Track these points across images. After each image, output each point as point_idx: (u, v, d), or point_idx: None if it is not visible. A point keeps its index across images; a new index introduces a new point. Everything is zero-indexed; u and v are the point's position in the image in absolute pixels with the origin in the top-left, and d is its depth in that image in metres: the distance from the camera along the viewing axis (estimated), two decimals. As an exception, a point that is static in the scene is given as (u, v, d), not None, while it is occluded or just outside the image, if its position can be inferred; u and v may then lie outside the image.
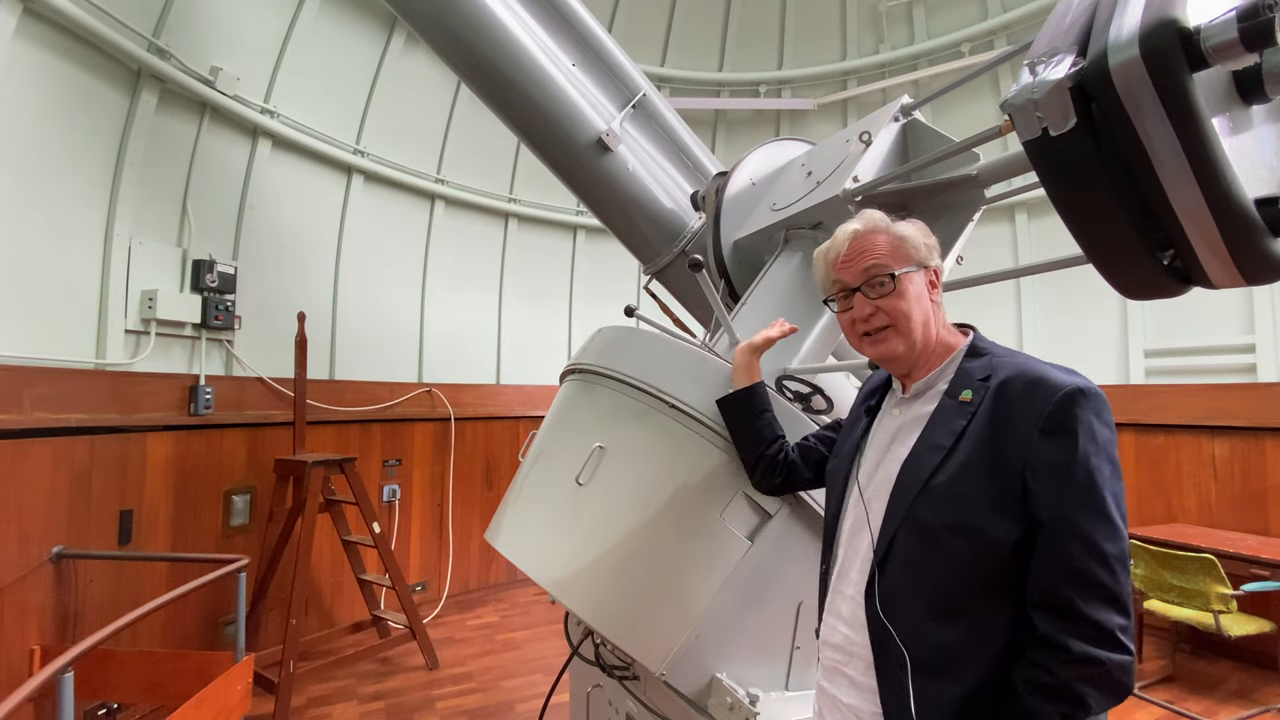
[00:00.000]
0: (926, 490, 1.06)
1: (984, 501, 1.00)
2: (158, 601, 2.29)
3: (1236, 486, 4.26)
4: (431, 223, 5.47)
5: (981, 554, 1.00)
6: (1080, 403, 0.98)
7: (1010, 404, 1.03)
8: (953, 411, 1.09)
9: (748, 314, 2.05)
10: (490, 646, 4.40)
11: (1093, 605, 0.92)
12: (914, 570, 1.05)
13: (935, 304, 1.19)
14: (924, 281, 1.18)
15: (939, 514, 1.04)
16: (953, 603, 1.02)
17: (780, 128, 6.39)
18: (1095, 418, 0.98)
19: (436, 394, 5.33)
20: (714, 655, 1.57)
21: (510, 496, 1.92)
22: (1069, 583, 0.93)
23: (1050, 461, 0.97)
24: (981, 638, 1.00)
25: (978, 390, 1.08)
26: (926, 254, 1.18)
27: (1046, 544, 0.96)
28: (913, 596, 1.05)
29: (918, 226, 1.21)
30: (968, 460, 1.03)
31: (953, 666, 1.00)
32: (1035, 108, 0.99)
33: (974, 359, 1.13)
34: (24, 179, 3.01)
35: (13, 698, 1.66)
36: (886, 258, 1.16)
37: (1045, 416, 0.98)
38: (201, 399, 3.76)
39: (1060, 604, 0.94)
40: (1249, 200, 0.93)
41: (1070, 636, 0.92)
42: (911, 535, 1.06)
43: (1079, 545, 0.94)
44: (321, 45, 4.46)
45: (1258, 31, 0.84)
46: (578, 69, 2.72)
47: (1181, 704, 3.53)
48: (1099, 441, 0.97)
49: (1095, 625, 0.91)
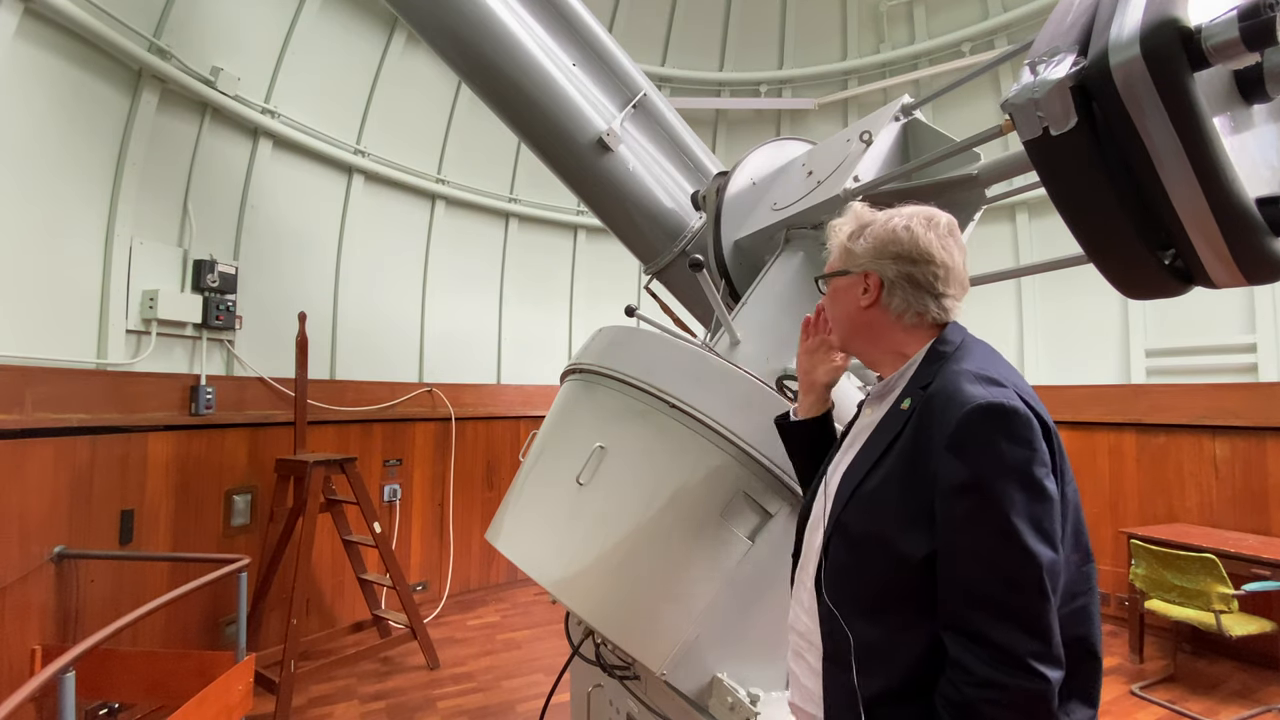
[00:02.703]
0: (854, 497, 1.08)
1: (897, 514, 1.01)
2: (159, 601, 2.29)
3: (1238, 486, 4.25)
4: (432, 223, 5.47)
5: (890, 565, 1.00)
6: (980, 420, 0.94)
7: (929, 418, 1.01)
8: (892, 420, 1.09)
9: (748, 314, 2.05)
10: (491, 646, 4.40)
11: (997, 629, 0.90)
12: (842, 571, 1.08)
13: (877, 309, 1.15)
14: (850, 285, 1.18)
15: (859, 521, 1.06)
16: (872, 606, 1.03)
17: (781, 127, 6.38)
18: (1002, 436, 0.93)
19: (437, 394, 5.33)
20: (715, 655, 1.57)
21: (511, 496, 1.93)
22: (970, 605, 0.92)
23: (950, 481, 0.94)
24: (898, 643, 1.00)
25: (916, 399, 1.06)
26: (868, 260, 1.15)
27: (947, 565, 0.95)
28: (842, 594, 1.07)
29: (874, 229, 1.16)
30: (889, 472, 1.04)
31: (869, 665, 1.01)
32: (1036, 107, 0.99)
33: (930, 364, 1.10)
34: (25, 179, 3.01)
35: (14, 697, 1.66)
36: (833, 260, 1.23)
37: (949, 434, 0.96)
38: (202, 399, 3.76)
39: (963, 626, 0.93)
40: (1250, 199, 0.93)
41: (973, 658, 0.90)
42: (839, 539, 1.09)
43: (979, 567, 0.92)
44: (322, 45, 4.46)
45: (1259, 31, 0.84)
46: (578, 69, 2.72)
47: (1182, 704, 3.53)
48: (1006, 462, 0.92)
49: (999, 649, 0.89)
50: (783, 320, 1.98)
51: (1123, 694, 3.68)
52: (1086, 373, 5.07)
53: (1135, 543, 3.85)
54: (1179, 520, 4.46)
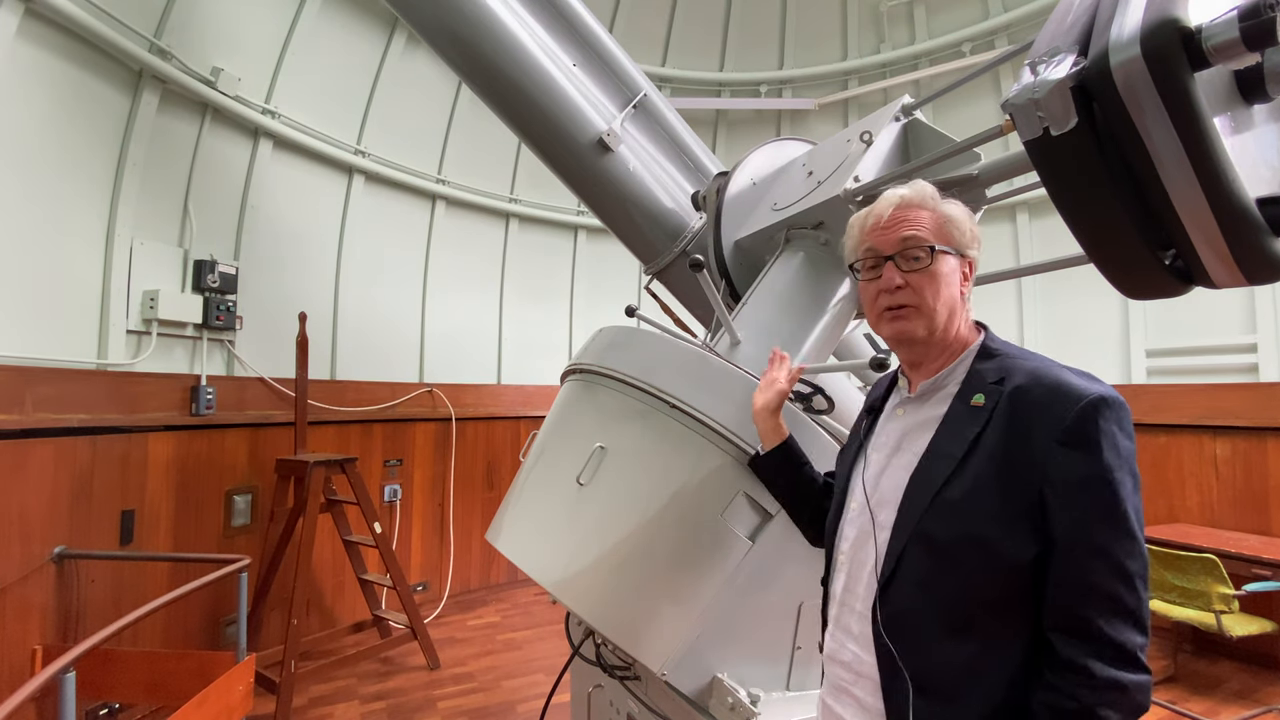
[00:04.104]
0: (937, 502, 0.99)
1: (998, 516, 0.95)
2: (159, 601, 2.30)
3: (1238, 486, 4.25)
4: (432, 223, 5.48)
5: (994, 571, 0.95)
6: (1104, 413, 0.92)
7: (1027, 412, 0.96)
8: (965, 417, 1.02)
9: (749, 314, 2.05)
10: (491, 646, 4.40)
11: (1116, 626, 0.88)
12: (924, 587, 0.99)
13: (964, 296, 1.11)
14: (958, 269, 1.10)
15: (950, 528, 0.98)
16: (964, 622, 0.96)
17: (781, 128, 6.38)
18: (1118, 429, 0.92)
19: (437, 394, 5.33)
20: (715, 655, 1.57)
21: (511, 496, 1.92)
22: (1092, 603, 0.89)
23: (1071, 476, 0.91)
24: (994, 661, 0.95)
25: (990, 394, 1.01)
26: (968, 241, 1.11)
27: (1067, 563, 0.91)
28: (923, 614, 0.99)
29: (966, 211, 1.13)
30: (981, 471, 0.97)
31: (962, 691, 0.95)
32: (1036, 107, 0.99)
33: (986, 360, 1.07)
34: (26, 179, 3.01)
35: (15, 698, 1.66)
36: (928, 232, 1.08)
37: (1065, 428, 0.92)
38: (203, 399, 3.76)
39: (1082, 626, 0.89)
40: (1251, 199, 0.93)
41: (1094, 659, 0.87)
42: (921, 550, 1.00)
43: (1102, 564, 0.89)
44: (322, 46, 4.46)
45: (1259, 31, 0.84)
46: (578, 69, 2.72)
47: (1183, 704, 3.53)
48: (1122, 454, 0.92)
49: (1118, 647, 0.87)
50: (783, 320, 1.98)
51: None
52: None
53: (1136, 543, 3.85)
54: (1180, 520, 4.46)
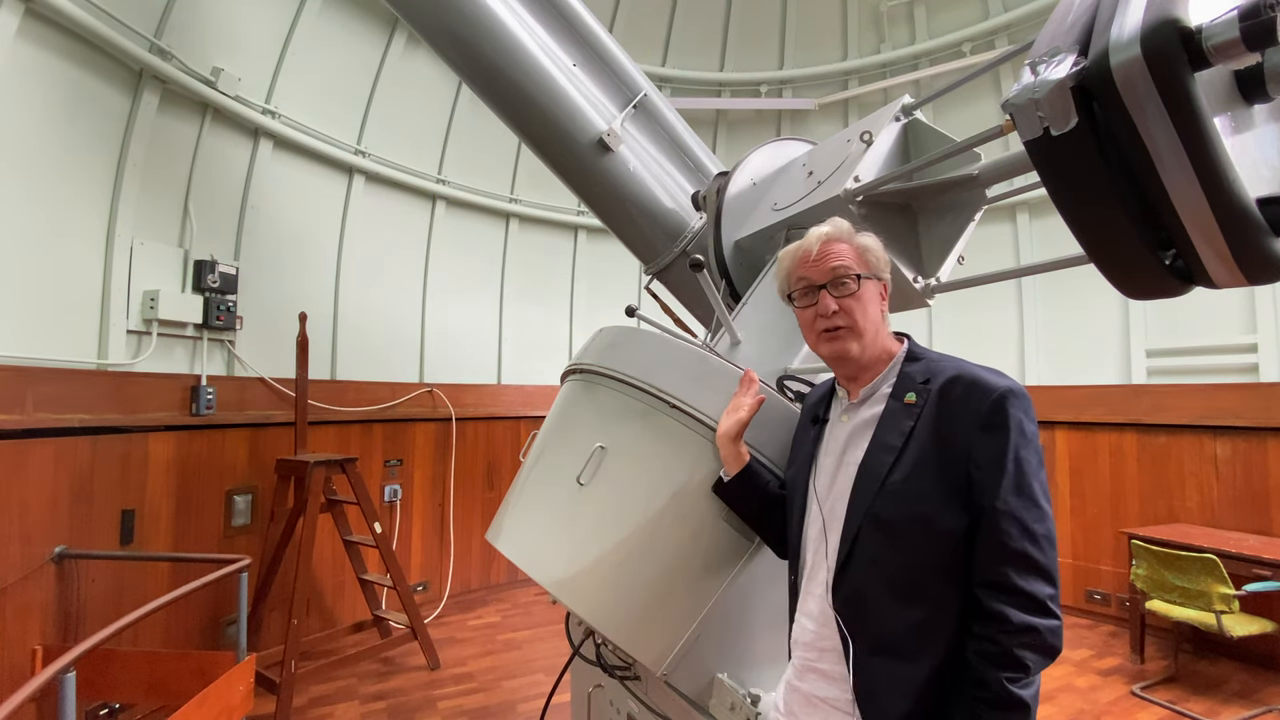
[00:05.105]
0: (884, 489, 1.16)
1: (936, 495, 1.12)
2: (159, 601, 2.30)
3: (1238, 486, 4.25)
4: (433, 223, 5.48)
5: (936, 543, 1.11)
6: (1011, 402, 1.11)
7: (951, 405, 1.15)
8: (899, 413, 1.20)
9: (748, 314, 2.05)
10: (491, 646, 4.41)
11: (1027, 579, 1.05)
12: (877, 563, 1.15)
13: (883, 314, 1.32)
14: (877, 291, 1.31)
15: (897, 509, 1.14)
16: (913, 590, 1.13)
17: (781, 128, 6.39)
18: (1024, 415, 1.12)
19: (438, 394, 5.33)
20: (715, 655, 1.57)
21: (511, 496, 1.92)
22: (1007, 561, 1.06)
23: (988, 455, 1.09)
24: (939, 620, 1.11)
25: (920, 393, 1.20)
26: (882, 267, 1.32)
27: (988, 528, 1.08)
28: (877, 587, 1.15)
29: (877, 241, 1.33)
30: (919, 458, 1.14)
31: (915, 649, 1.11)
32: (1037, 107, 0.99)
33: (912, 363, 1.26)
34: (26, 180, 3.01)
35: (15, 698, 1.67)
36: (853, 261, 1.29)
37: (983, 415, 1.11)
38: (203, 399, 3.76)
39: (1001, 580, 1.06)
40: (1251, 199, 0.93)
41: (1010, 608, 1.04)
42: (873, 531, 1.16)
43: (1015, 527, 1.06)
44: (323, 46, 4.46)
45: (1259, 31, 0.84)
46: (579, 69, 2.72)
47: (1183, 704, 3.53)
48: (1027, 436, 1.11)
49: (1030, 596, 1.04)
50: (783, 321, 1.97)
51: (1124, 694, 3.68)
52: (1087, 373, 5.06)
53: (1136, 543, 3.85)
54: (1180, 520, 4.46)
